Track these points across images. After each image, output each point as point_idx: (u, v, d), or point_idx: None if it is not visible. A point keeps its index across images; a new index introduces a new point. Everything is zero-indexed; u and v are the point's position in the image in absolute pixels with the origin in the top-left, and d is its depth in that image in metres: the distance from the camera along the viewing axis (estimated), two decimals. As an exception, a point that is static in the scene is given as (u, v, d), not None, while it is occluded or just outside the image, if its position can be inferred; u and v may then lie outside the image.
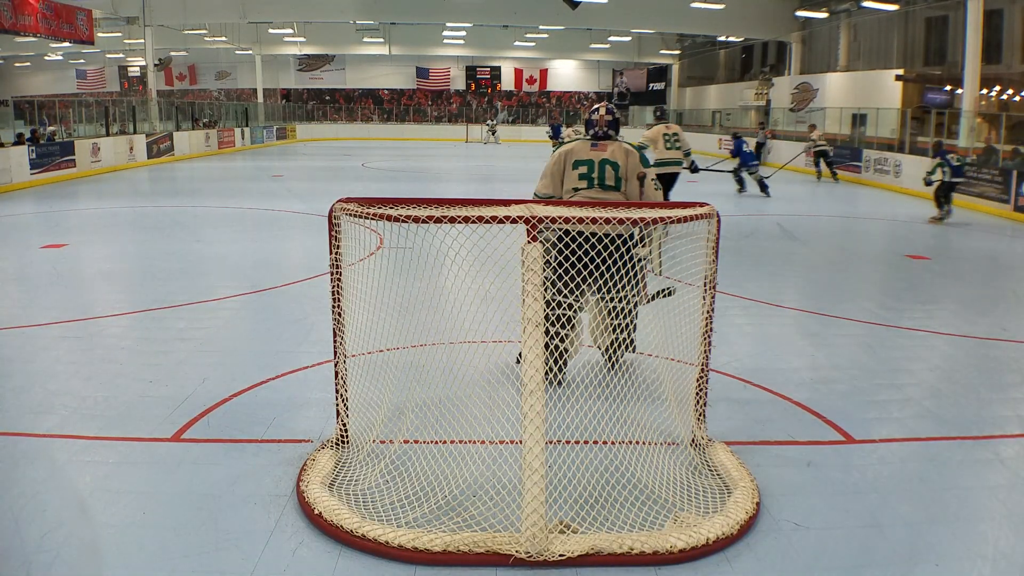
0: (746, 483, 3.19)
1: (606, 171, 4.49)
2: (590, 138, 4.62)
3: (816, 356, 5.18)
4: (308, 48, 36.98)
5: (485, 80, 40.91)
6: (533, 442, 2.72)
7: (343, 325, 3.42)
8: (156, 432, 3.74)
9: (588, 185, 4.52)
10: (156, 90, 25.31)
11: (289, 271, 7.55)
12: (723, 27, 28.10)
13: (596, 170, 4.51)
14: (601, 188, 4.50)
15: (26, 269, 7.52)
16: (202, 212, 11.78)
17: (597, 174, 4.51)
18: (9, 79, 39.84)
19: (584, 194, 4.51)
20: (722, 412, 4.02)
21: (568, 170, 4.57)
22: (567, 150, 4.62)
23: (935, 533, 2.97)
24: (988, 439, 3.85)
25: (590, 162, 4.51)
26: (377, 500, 3.08)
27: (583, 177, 4.53)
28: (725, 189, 14.87)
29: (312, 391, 4.31)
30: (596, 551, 2.71)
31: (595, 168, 4.51)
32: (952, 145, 16.59)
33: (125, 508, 3.04)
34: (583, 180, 4.53)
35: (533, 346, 2.76)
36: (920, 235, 10.67)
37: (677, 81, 38.29)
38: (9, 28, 17.07)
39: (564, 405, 3.67)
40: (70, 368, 4.66)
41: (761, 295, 6.74)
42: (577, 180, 4.53)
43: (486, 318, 3.36)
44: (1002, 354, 5.24)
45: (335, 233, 3.31)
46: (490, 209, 2.99)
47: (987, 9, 17.04)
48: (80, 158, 16.93)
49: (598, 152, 4.52)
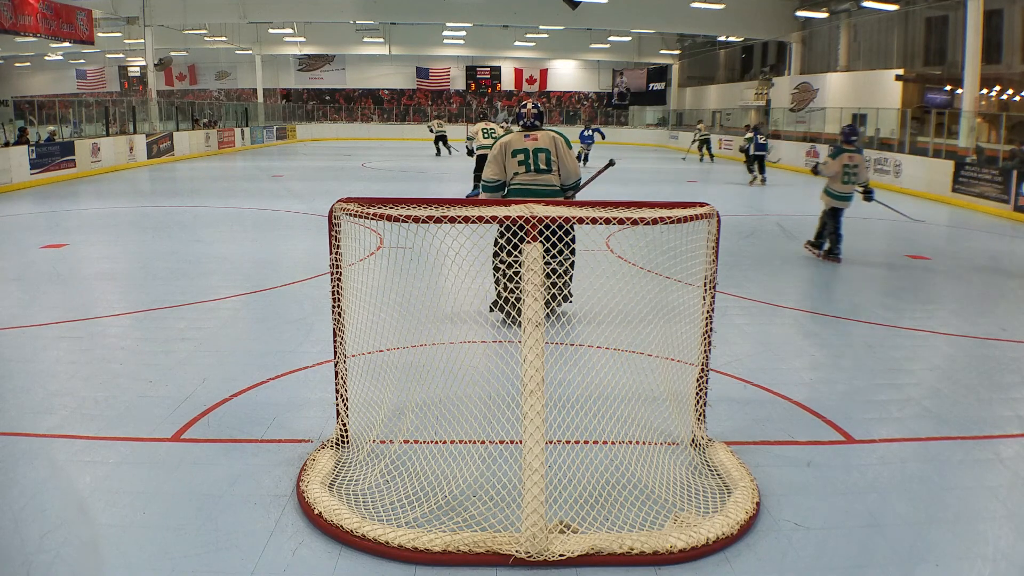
0: (746, 483, 3.19)
1: (539, 157, 5.46)
2: (522, 129, 5.57)
3: (816, 356, 5.18)
4: (308, 48, 36.97)
5: (485, 80, 40.91)
6: (533, 442, 2.72)
7: (343, 325, 3.42)
8: (156, 432, 3.73)
9: (526, 169, 5.46)
10: (156, 90, 25.31)
11: (289, 271, 7.55)
12: (723, 27, 28.09)
13: (531, 157, 5.46)
14: (536, 172, 5.46)
15: (26, 269, 7.52)
16: (202, 212, 11.77)
17: (532, 160, 5.46)
18: (9, 79, 39.83)
19: (522, 178, 5.46)
20: (722, 412, 4.02)
21: (508, 158, 5.49)
22: (505, 142, 5.54)
23: (935, 533, 2.97)
24: (988, 439, 3.85)
25: (525, 150, 5.46)
26: (377, 500, 3.08)
27: (521, 163, 5.46)
28: (726, 188, 14.86)
29: (312, 391, 4.31)
30: (596, 551, 2.71)
31: (530, 155, 5.45)
32: (952, 145, 16.60)
33: (125, 508, 3.04)
34: (521, 166, 5.46)
35: (533, 346, 2.76)
36: (920, 235, 10.67)
37: (677, 81, 38.29)
38: (9, 28, 17.07)
39: (564, 405, 3.67)
40: (70, 368, 4.66)
41: (761, 295, 6.74)
42: (516, 166, 5.46)
43: (486, 318, 3.36)
44: (1002, 354, 5.24)
45: (335, 233, 3.31)
46: (490, 209, 2.99)
47: (987, 9, 17.03)
48: (80, 158, 16.93)
49: (531, 141, 5.49)
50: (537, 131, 5.56)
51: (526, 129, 5.56)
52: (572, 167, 5.58)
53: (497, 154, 5.53)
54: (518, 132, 5.58)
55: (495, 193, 5.63)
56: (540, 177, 5.45)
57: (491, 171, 5.56)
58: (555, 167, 5.47)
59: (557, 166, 5.48)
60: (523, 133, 5.53)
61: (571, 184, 5.64)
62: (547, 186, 5.48)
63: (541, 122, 5.65)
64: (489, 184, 5.63)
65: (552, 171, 5.46)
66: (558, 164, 5.48)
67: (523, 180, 5.45)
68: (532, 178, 5.44)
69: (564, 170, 5.53)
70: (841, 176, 8.28)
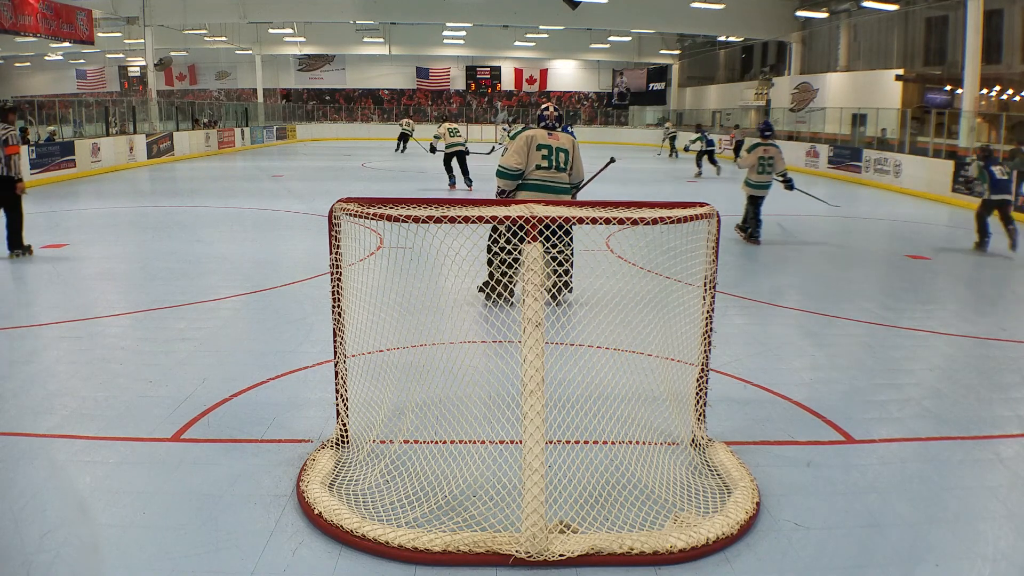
0: (746, 483, 3.19)
1: (560, 156, 5.90)
2: (545, 127, 6.00)
3: (816, 356, 5.18)
4: (308, 48, 36.98)
5: (485, 80, 40.92)
6: (533, 442, 2.72)
7: (343, 325, 3.42)
8: (156, 432, 3.73)
9: (548, 165, 5.87)
10: (156, 90, 25.32)
11: (289, 271, 7.55)
12: (723, 27, 28.10)
13: (554, 154, 5.89)
14: (556, 170, 5.91)
15: (26, 269, 7.52)
16: (202, 212, 11.77)
17: (554, 157, 5.88)
18: (9, 79, 39.84)
19: (542, 173, 5.87)
20: (722, 412, 4.02)
21: (533, 150, 5.85)
22: (531, 135, 5.91)
23: (935, 533, 2.97)
24: (988, 439, 3.85)
25: (549, 147, 5.88)
26: (377, 500, 3.08)
27: (545, 158, 5.86)
28: (726, 188, 14.86)
29: (312, 391, 4.31)
30: (596, 551, 2.71)
31: (553, 152, 5.89)
32: (952, 145, 16.60)
33: (125, 508, 3.04)
34: (544, 160, 5.86)
35: (533, 346, 2.76)
36: (920, 235, 10.67)
37: (677, 81, 38.30)
38: (9, 28, 17.07)
39: (564, 405, 3.67)
40: (70, 368, 4.66)
41: (761, 295, 6.74)
42: (540, 159, 5.86)
43: (486, 318, 3.36)
44: (1002, 354, 5.24)
45: (335, 233, 3.30)
46: (490, 209, 2.99)
47: (987, 9, 17.04)
48: (80, 158, 16.93)
49: (554, 139, 5.92)
50: (558, 132, 6.03)
51: (548, 129, 6.01)
52: (581, 169, 6.14)
53: (522, 145, 5.86)
54: (542, 128, 6.00)
55: (511, 180, 5.90)
56: (558, 175, 5.93)
57: (514, 159, 5.86)
58: (570, 167, 5.99)
59: (571, 166, 6.01)
60: (547, 131, 5.97)
61: (577, 182, 6.16)
62: (561, 183, 5.97)
63: (561, 124, 6.17)
64: (510, 172, 5.88)
65: (567, 171, 5.97)
66: (572, 165, 6.01)
67: (542, 176, 5.89)
68: (551, 175, 5.90)
69: (576, 170, 6.08)
70: (757, 167, 9.33)
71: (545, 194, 5.73)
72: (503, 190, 5.96)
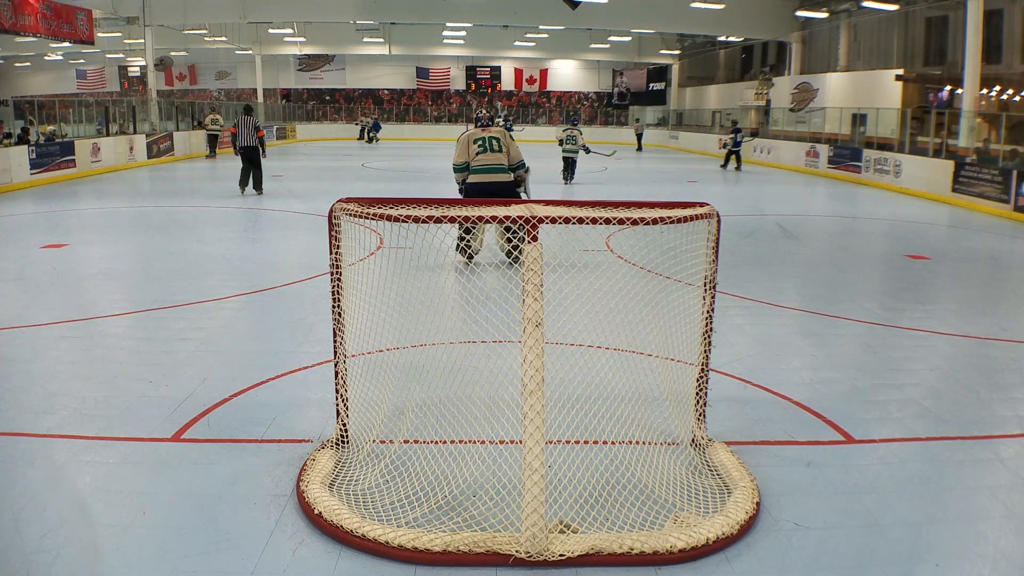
0: (746, 483, 3.19)
1: (492, 143, 7.44)
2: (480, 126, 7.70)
3: (816, 356, 5.18)
4: (308, 48, 36.96)
5: (485, 80, 40.90)
6: (533, 442, 2.72)
7: (343, 325, 3.42)
8: (156, 432, 3.73)
9: (483, 150, 7.38)
10: (156, 90, 25.30)
11: (289, 271, 7.55)
12: (723, 27, 28.09)
13: (487, 142, 7.42)
14: (491, 152, 7.39)
15: (26, 269, 7.51)
16: (202, 212, 11.78)
17: (487, 144, 7.41)
18: (9, 79, 39.81)
19: (481, 158, 7.37)
20: (722, 412, 4.02)
21: (471, 144, 7.43)
22: (467, 135, 7.56)
23: (935, 533, 2.97)
24: (988, 439, 3.85)
25: (483, 138, 7.45)
26: (377, 500, 3.08)
27: (480, 147, 7.39)
28: (726, 188, 14.85)
29: (312, 391, 4.31)
30: (596, 551, 2.71)
31: (486, 141, 7.42)
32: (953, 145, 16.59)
33: (125, 508, 3.04)
34: (480, 147, 7.39)
35: (533, 346, 2.76)
36: (920, 235, 10.67)
37: (677, 81, 38.28)
38: (9, 28, 17.06)
39: (564, 405, 3.67)
40: (70, 368, 4.66)
41: (761, 295, 6.74)
42: (477, 148, 7.39)
43: (487, 318, 3.36)
44: (1002, 354, 5.24)
45: (335, 233, 3.30)
46: (490, 209, 2.99)
47: (987, 9, 17.03)
48: (80, 158, 16.92)
49: (486, 132, 7.53)
50: (491, 126, 7.74)
51: (483, 127, 7.69)
52: (516, 152, 7.61)
53: (463, 144, 7.50)
54: (476, 128, 7.68)
55: (460, 173, 7.56)
56: (495, 156, 7.40)
57: (458, 156, 7.52)
58: (505, 150, 7.46)
59: (506, 149, 7.47)
60: (480, 128, 7.63)
61: (517, 164, 7.58)
62: (499, 165, 7.42)
63: (492, 121, 8.08)
64: (457, 166, 7.57)
65: (502, 152, 7.43)
66: (507, 148, 7.49)
67: (482, 161, 7.36)
68: (489, 157, 7.37)
69: (511, 153, 7.54)
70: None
71: (489, 174, 7.36)
72: (458, 182, 7.64)
